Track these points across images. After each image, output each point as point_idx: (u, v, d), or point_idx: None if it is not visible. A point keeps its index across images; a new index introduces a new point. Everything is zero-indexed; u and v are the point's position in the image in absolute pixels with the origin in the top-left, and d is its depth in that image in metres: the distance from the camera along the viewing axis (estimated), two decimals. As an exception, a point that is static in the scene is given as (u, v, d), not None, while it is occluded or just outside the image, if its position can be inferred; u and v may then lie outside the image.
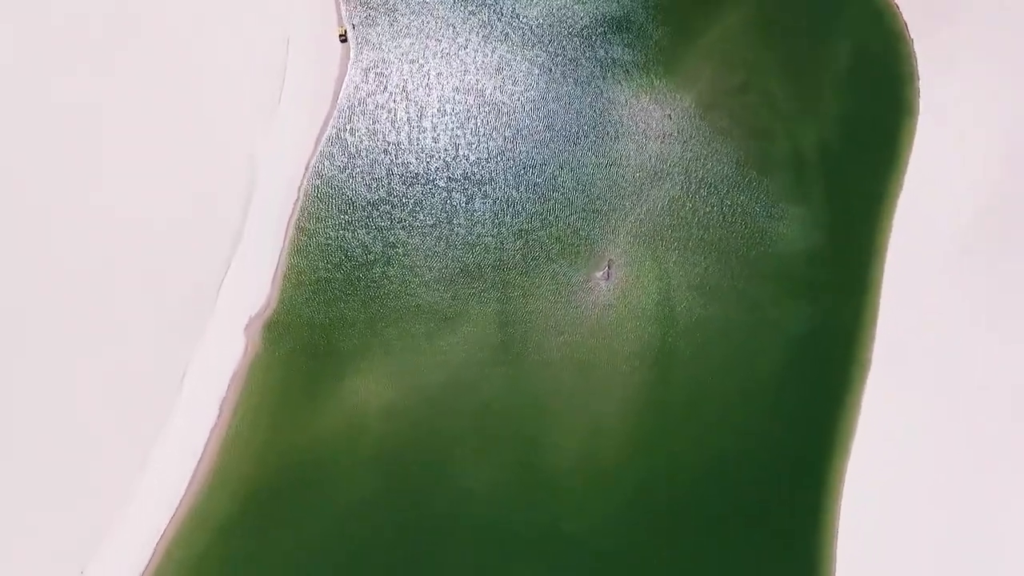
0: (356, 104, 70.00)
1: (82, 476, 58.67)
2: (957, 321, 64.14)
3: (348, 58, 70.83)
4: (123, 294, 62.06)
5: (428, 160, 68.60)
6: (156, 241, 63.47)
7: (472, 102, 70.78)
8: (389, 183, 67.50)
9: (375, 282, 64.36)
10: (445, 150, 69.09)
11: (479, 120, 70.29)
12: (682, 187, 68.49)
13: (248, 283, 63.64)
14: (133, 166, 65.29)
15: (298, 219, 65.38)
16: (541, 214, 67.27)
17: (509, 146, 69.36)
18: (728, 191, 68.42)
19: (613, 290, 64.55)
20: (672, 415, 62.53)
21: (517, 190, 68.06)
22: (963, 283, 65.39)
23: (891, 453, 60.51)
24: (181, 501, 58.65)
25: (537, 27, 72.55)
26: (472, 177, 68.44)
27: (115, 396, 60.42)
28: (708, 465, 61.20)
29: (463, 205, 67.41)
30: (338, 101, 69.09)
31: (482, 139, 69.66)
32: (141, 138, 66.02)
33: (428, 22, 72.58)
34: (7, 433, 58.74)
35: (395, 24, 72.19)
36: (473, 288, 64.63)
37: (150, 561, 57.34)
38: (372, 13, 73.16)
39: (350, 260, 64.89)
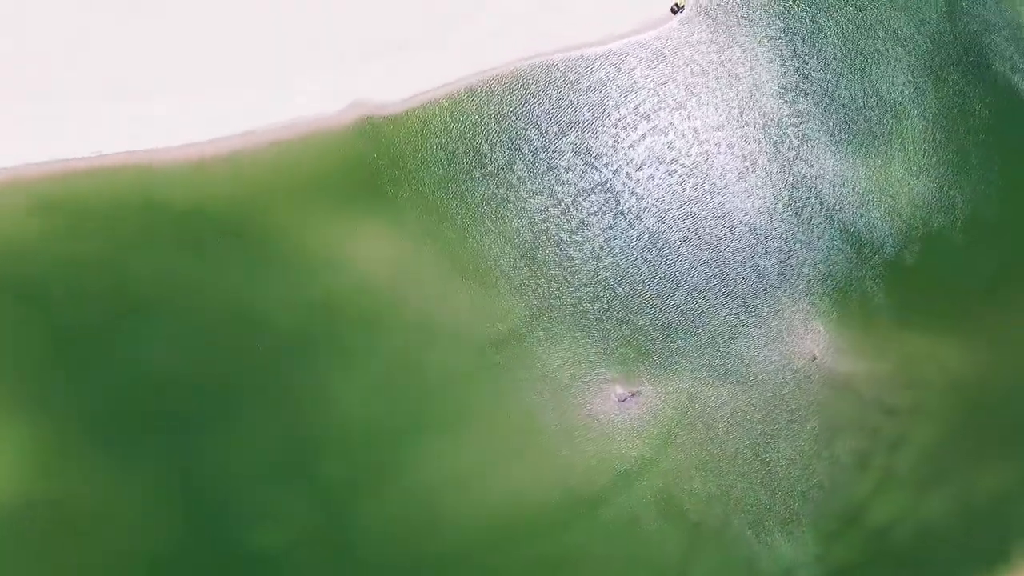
0: (626, 56, 66.01)
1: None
2: None
3: (664, 21, 66.20)
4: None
5: (611, 155, 63.73)
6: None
7: (696, 152, 64.55)
8: (567, 139, 63.85)
9: (465, 182, 61.09)
10: (631, 161, 63.64)
11: (684, 172, 64.23)
12: (755, 415, 59.23)
13: (395, 79, 61.88)
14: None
15: (480, 82, 62.74)
16: (635, 289, 60.81)
17: (678, 215, 63.26)
18: (787, 467, 58.39)
19: (617, 415, 56.64)
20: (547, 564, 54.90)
21: (642, 254, 61.79)
22: None
23: None
24: (158, 155, 57.76)
25: (816, 170, 65.09)
26: (624, 203, 62.93)
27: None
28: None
29: (591, 210, 62.26)
30: (618, 43, 65.84)
31: (669, 188, 63.65)
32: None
33: (752, 71, 66.36)
34: None
35: (722, 45, 67.04)
36: (521, 274, 59.17)
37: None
38: (722, 13, 67.90)
39: (473, 148, 61.87)
